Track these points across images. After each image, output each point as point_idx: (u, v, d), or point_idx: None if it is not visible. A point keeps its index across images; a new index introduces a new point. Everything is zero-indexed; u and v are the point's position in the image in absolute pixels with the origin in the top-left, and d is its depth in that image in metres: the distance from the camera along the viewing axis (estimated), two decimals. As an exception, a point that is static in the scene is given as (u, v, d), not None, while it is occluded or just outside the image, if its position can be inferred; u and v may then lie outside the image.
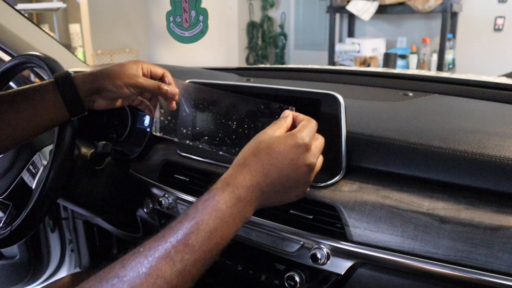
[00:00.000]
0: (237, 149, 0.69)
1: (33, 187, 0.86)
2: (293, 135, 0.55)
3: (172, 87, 0.73)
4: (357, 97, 0.94)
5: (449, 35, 3.32)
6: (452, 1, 3.14)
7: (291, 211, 0.68)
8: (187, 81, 0.77)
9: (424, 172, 0.62)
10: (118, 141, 1.09)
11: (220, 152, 0.71)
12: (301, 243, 0.64)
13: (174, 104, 0.74)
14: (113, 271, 0.44)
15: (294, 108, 0.63)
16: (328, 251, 0.62)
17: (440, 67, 3.30)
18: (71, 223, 1.35)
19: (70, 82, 0.69)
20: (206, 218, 0.48)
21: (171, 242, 0.46)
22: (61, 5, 3.86)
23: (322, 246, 0.62)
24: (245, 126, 0.69)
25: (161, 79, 0.75)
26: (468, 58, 3.45)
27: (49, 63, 0.75)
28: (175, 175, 0.86)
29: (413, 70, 2.66)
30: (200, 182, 0.82)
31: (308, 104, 0.67)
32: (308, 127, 0.57)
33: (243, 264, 0.75)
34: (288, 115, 0.60)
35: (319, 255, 0.61)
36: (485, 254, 0.52)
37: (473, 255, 0.52)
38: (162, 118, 0.77)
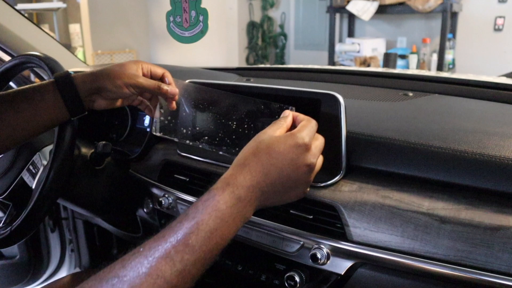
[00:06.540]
0: (237, 149, 0.69)
1: (33, 187, 0.86)
2: (293, 135, 0.55)
3: (172, 87, 0.73)
4: (357, 97, 0.94)
5: (449, 35, 3.32)
6: (452, 1, 3.13)
7: (291, 211, 0.68)
8: (187, 81, 0.77)
9: (424, 172, 0.62)
10: (118, 141, 1.09)
11: (220, 152, 0.71)
12: (301, 243, 0.64)
13: (174, 104, 0.74)
14: (113, 271, 0.44)
15: (294, 108, 0.63)
16: (328, 251, 0.62)
17: (440, 67, 3.30)
18: (71, 223, 1.35)
19: (70, 82, 0.69)
20: (206, 218, 0.48)
21: (171, 242, 0.46)
22: (61, 5, 3.86)
23: (322, 246, 0.62)
24: (245, 126, 0.69)
25: (161, 79, 0.75)
26: (468, 58, 3.45)
27: (49, 63, 0.75)
28: (175, 175, 0.86)
29: (413, 70, 2.66)
30: (200, 182, 0.82)
31: (308, 104, 0.67)
32: (308, 127, 0.57)
33: (243, 264, 0.75)
34: (288, 115, 0.60)
35: (319, 255, 0.61)
36: (485, 254, 0.52)
37: (473, 255, 0.52)
38: (162, 118, 0.77)
